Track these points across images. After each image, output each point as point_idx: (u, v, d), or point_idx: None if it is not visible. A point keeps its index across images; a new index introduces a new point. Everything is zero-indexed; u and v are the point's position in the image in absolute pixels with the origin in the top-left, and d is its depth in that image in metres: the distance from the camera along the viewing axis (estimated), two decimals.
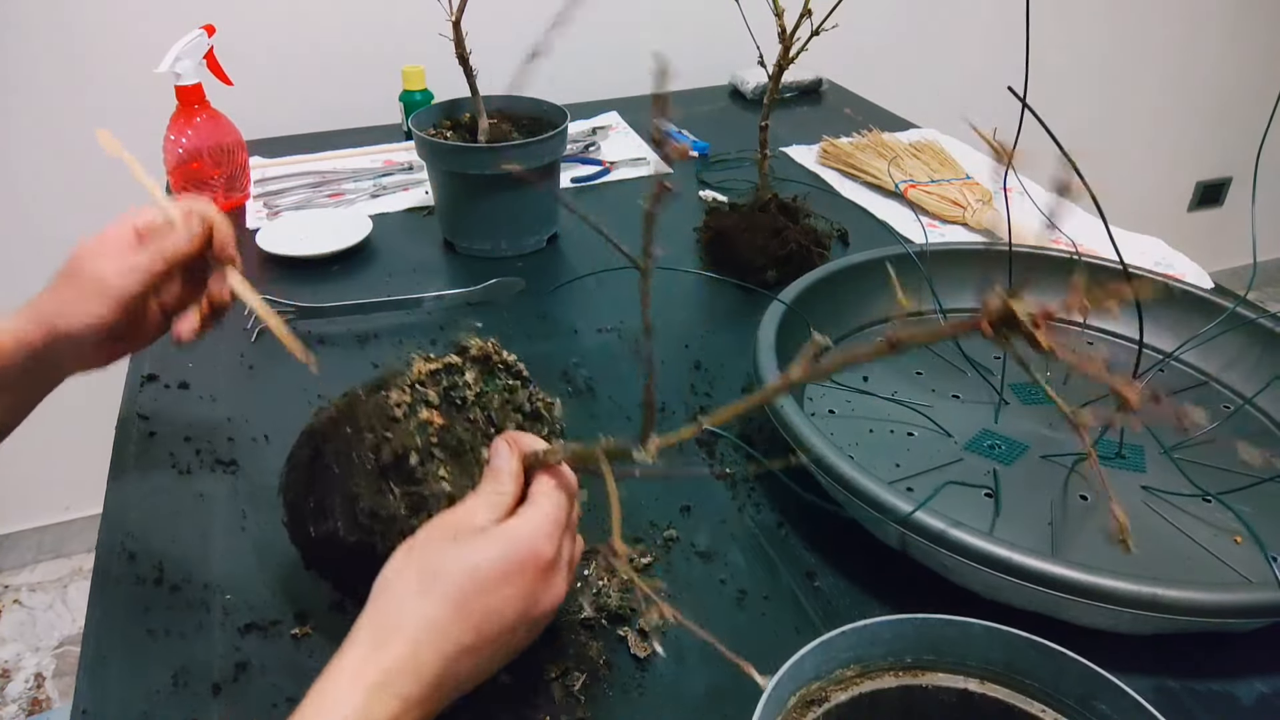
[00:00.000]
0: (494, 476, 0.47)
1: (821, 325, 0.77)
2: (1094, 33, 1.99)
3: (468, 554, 0.43)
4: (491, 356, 0.55)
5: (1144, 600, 0.49)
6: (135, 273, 0.57)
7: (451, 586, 0.42)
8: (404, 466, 0.49)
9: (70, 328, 0.57)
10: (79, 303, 0.56)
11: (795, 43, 0.84)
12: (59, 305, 0.57)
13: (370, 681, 0.40)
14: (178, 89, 1.05)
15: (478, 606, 0.43)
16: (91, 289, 0.56)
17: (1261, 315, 0.74)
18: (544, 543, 0.44)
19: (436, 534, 0.45)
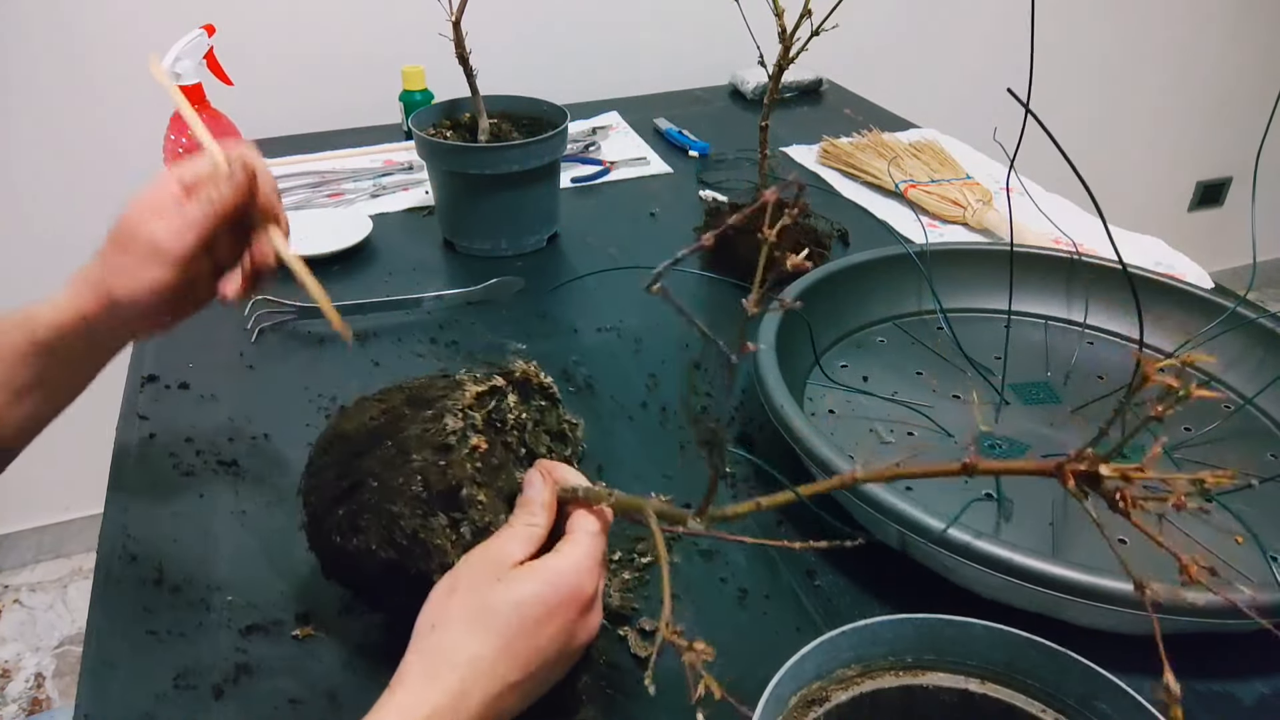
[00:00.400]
0: (527, 507, 0.48)
1: (821, 325, 0.77)
2: (1094, 33, 1.99)
3: (514, 592, 0.44)
4: (531, 380, 0.55)
5: (1144, 600, 0.49)
6: (188, 230, 0.55)
7: (499, 623, 0.43)
8: (454, 497, 0.49)
9: (128, 295, 0.55)
10: (135, 269, 0.55)
11: (795, 43, 0.84)
12: (114, 273, 0.55)
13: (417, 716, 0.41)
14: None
15: (523, 646, 0.43)
16: (146, 253, 0.54)
17: (1262, 315, 0.74)
18: (585, 579, 0.45)
19: (479, 571, 0.45)
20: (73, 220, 1.45)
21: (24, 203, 1.42)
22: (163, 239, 0.55)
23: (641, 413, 0.76)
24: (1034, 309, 0.84)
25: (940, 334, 0.81)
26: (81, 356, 0.59)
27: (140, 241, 0.55)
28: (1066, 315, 0.84)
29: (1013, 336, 0.79)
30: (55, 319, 0.55)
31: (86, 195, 1.43)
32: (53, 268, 1.53)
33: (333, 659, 0.54)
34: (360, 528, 0.49)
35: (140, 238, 0.55)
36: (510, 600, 0.44)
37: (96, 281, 0.56)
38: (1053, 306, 0.84)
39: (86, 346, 0.58)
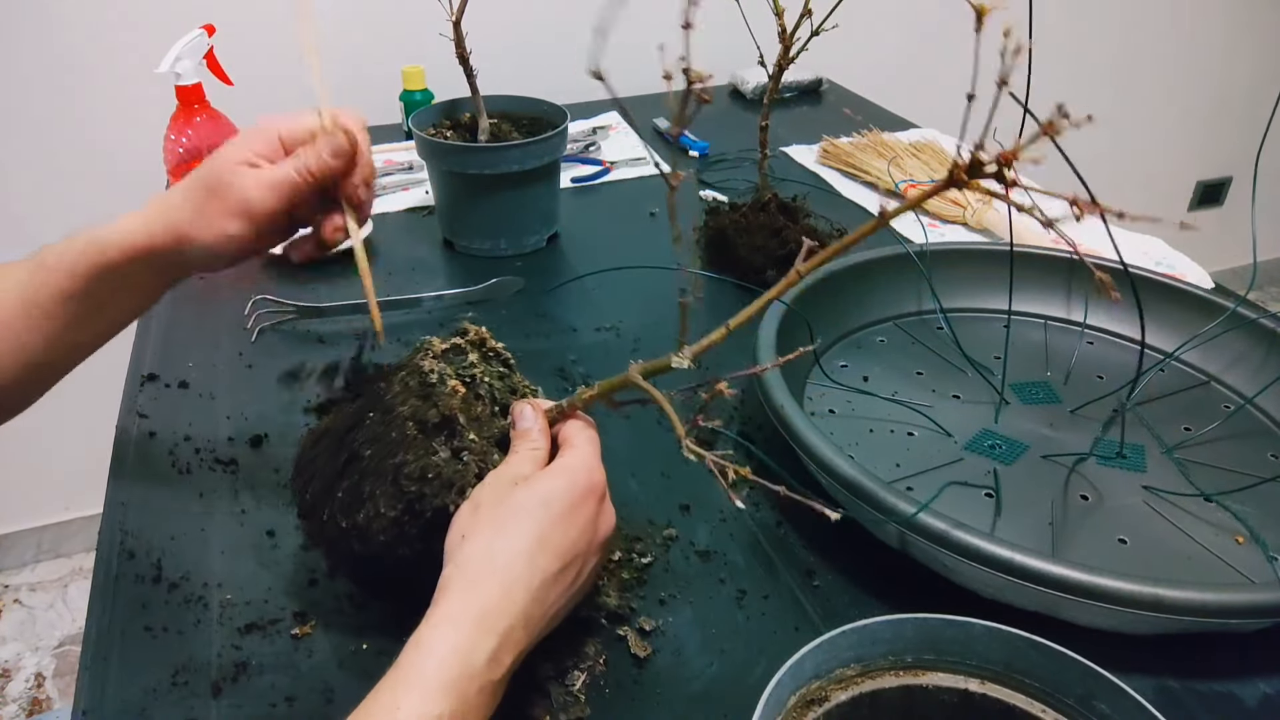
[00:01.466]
0: (525, 436, 0.50)
1: (821, 325, 0.77)
2: (1094, 32, 1.99)
3: (537, 491, 0.46)
4: (486, 341, 0.56)
5: (1145, 600, 0.49)
6: (279, 189, 0.55)
7: (530, 521, 0.45)
8: (451, 427, 0.50)
9: (206, 240, 0.55)
10: (218, 218, 0.54)
11: (795, 43, 0.84)
12: (195, 216, 0.54)
13: (468, 623, 0.42)
14: (178, 89, 1.05)
15: (556, 536, 0.45)
16: (233, 206, 0.54)
17: (1262, 315, 0.74)
18: (596, 472, 0.48)
19: (498, 486, 0.47)
20: (72, 220, 1.44)
21: (24, 202, 1.42)
22: (254, 196, 0.54)
23: (640, 411, 0.76)
24: (1034, 309, 0.84)
25: (940, 334, 0.81)
26: (144, 281, 0.58)
27: (230, 193, 0.54)
28: (1066, 315, 0.83)
29: (1013, 336, 0.78)
30: (125, 245, 0.55)
31: (86, 195, 1.43)
32: None
33: (330, 657, 0.54)
34: (363, 497, 0.49)
35: (232, 189, 0.54)
36: (535, 497, 0.45)
37: (175, 217, 0.55)
38: (1053, 306, 0.84)
39: (151, 273, 0.58)
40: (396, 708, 0.39)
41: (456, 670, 0.40)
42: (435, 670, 0.40)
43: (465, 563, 0.44)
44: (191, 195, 0.55)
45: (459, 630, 0.41)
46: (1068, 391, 0.75)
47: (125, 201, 1.26)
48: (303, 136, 0.57)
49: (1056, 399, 0.74)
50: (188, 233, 0.55)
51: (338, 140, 0.56)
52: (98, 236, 0.55)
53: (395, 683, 0.40)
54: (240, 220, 0.55)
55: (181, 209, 0.55)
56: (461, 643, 0.41)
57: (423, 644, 0.41)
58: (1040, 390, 0.75)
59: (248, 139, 0.56)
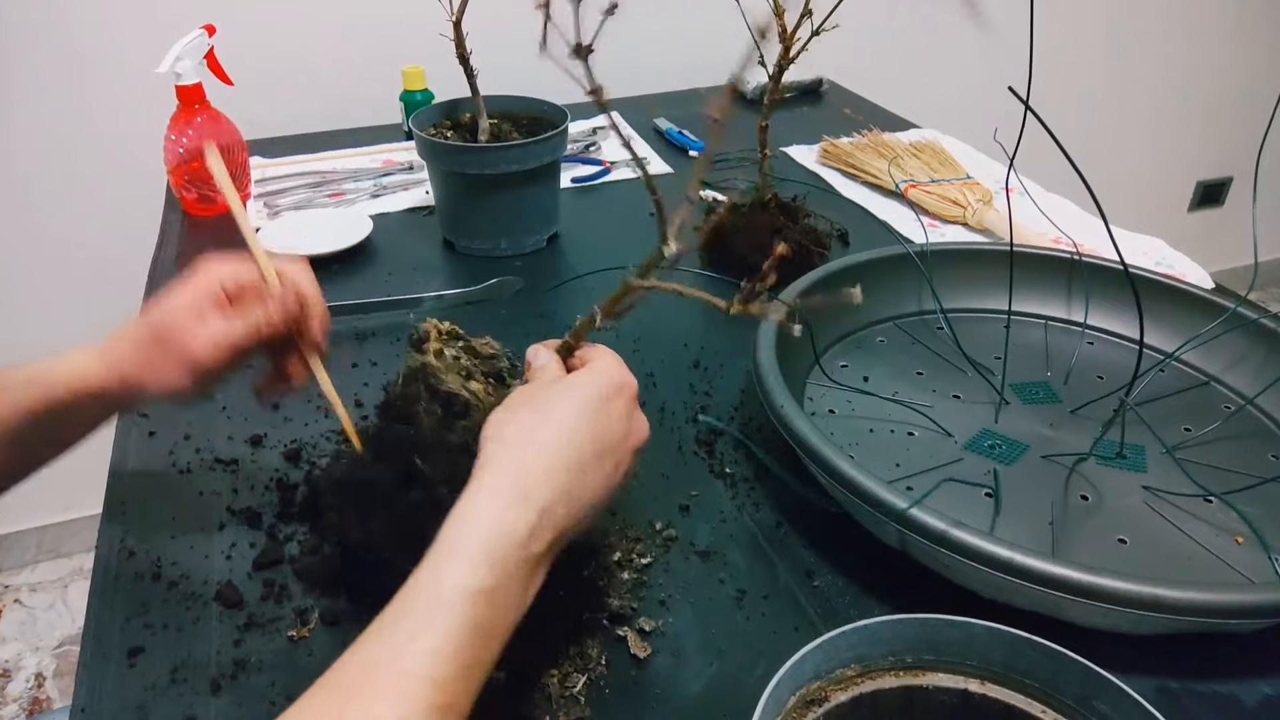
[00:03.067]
0: (543, 372, 0.50)
1: (821, 325, 0.77)
2: (1094, 32, 1.99)
3: (572, 383, 0.47)
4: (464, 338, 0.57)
5: (1145, 600, 0.49)
6: (224, 349, 0.55)
7: (569, 405, 0.45)
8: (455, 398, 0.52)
9: (152, 389, 0.55)
10: (163, 369, 0.55)
11: (795, 43, 0.84)
12: (143, 367, 0.55)
13: (510, 495, 0.41)
14: (178, 89, 1.05)
15: (595, 421, 0.45)
16: (178, 359, 0.54)
17: (1263, 315, 0.74)
18: (622, 374, 0.49)
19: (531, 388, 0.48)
20: (72, 219, 1.45)
21: (24, 202, 1.42)
22: (197, 351, 0.54)
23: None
24: (1034, 309, 0.84)
25: (940, 334, 0.81)
26: (93, 418, 0.59)
27: (174, 346, 0.54)
28: (1066, 315, 0.83)
29: (1013, 336, 0.78)
30: (76, 387, 0.55)
31: (86, 195, 1.43)
32: (52, 265, 1.53)
33: (330, 655, 0.53)
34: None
35: (176, 343, 0.54)
36: (571, 388, 0.46)
37: (123, 366, 0.55)
38: (1053, 306, 0.84)
39: (95, 412, 0.58)
40: (439, 580, 0.39)
41: (499, 541, 0.40)
42: (477, 540, 0.40)
43: (507, 439, 0.44)
44: (139, 346, 0.56)
45: (501, 501, 0.41)
46: (1068, 391, 0.75)
47: (125, 202, 1.26)
48: (248, 288, 0.57)
49: (1056, 399, 0.74)
50: (137, 382, 0.55)
51: (288, 304, 0.56)
52: (47, 374, 0.55)
53: (437, 554, 0.40)
54: (186, 374, 0.55)
55: (130, 360, 0.56)
56: (505, 514, 0.41)
57: (463, 516, 0.41)
58: (1040, 390, 0.75)
59: (193, 291, 0.56)
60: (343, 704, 0.36)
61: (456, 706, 0.38)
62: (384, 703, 0.36)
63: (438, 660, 0.37)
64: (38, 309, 1.48)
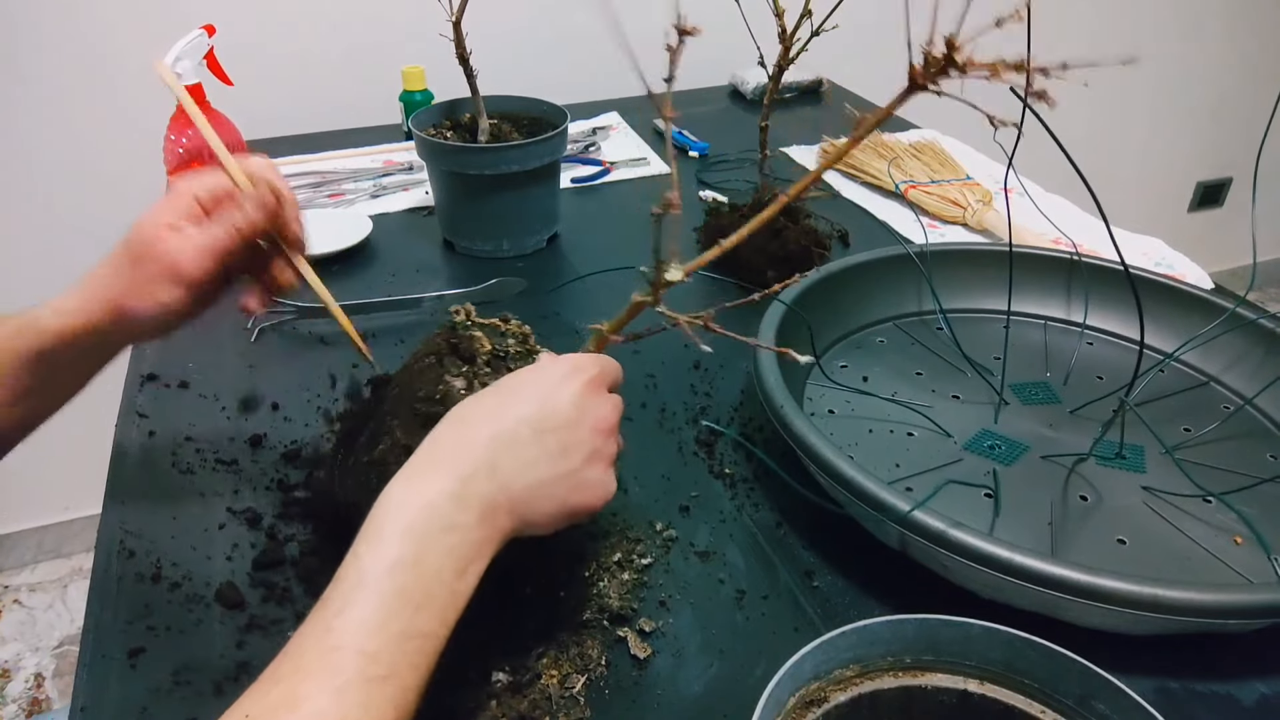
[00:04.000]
0: None
1: (821, 325, 0.77)
2: (1094, 32, 1.99)
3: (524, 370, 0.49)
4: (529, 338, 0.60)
5: (1144, 601, 0.49)
6: (208, 254, 0.54)
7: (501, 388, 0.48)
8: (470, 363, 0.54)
9: (141, 311, 0.54)
10: (150, 286, 0.54)
11: (795, 43, 0.84)
12: (128, 289, 0.54)
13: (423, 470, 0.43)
14: None
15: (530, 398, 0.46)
16: (163, 273, 0.53)
17: (1262, 316, 0.74)
18: (586, 362, 0.49)
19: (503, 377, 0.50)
20: (71, 219, 1.45)
21: (24, 202, 1.42)
22: (182, 260, 0.54)
23: (640, 413, 0.76)
24: (1034, 309, 0.84)
25: (940, 334, 0.81)
26: (85, 361, 0.58)
27: (157, 260, 0.54)
28: (1066, 315, 0.83)
29: (1012, 336, 0.79)
30: (62, 326, 0.54)
31: (86, 194, 1.43)
32: (52, 263, 1.53)
33: None
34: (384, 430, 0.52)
35: (158, 257, 0.54)
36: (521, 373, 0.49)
37: (108, 293, 0.54)
38: (1052, 307, 0.84)
39: (92, 352, 0.58)
40: (358, 556, 0.40)
41: (411, 513, 0.41)
42: (395, 514, 0.41)
43: (447, 419, 0.46)
44: (120, 268, 0.55)
45: (413, 477, 0.43)
46: (1067, 392, 0.75)
47: (125, 201, 1.26)
48: (219, 195, 0.56)
49: (1056, 399, 0.74)
50: (124, 305, 0.54)
51: (263, 195, 0.56)
52: (34, 321, 0.54)
53: (361, 535, 0.41)
54: (173, 286, 0.54)
55: (113, 283, 0.55)
56: (418, 487, 0.42)
57: (383, 499, 0.42)
58: (1040, 390, 0.75)
59: (167, 205, 0.55)
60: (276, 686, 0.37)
61: (396, 677, 0.38)
62: (314, 680, 0.36)
63: (365, 631, 0.38)
64: None
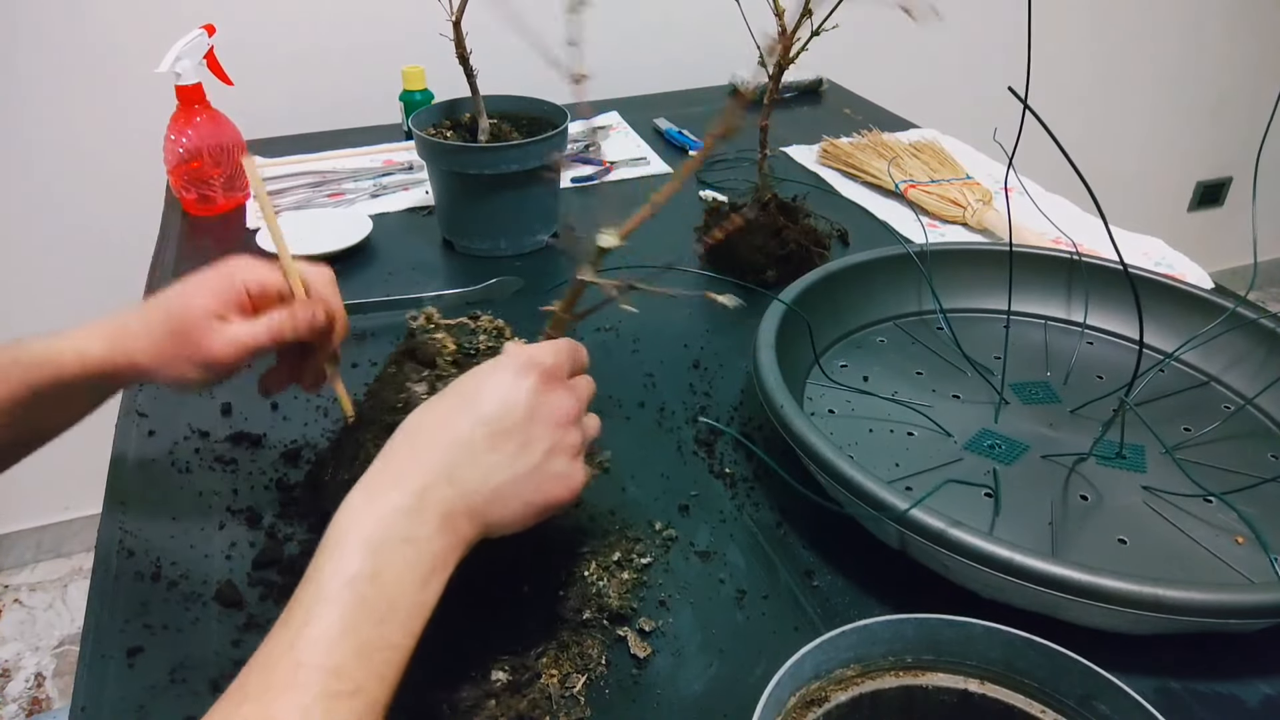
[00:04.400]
0: None
1: (821, 325, 0.77)
2: (1094, 32, 1.99)
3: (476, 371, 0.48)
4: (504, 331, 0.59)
5: (1145, 600, 0.49)
6: (243, 350, 0.54)
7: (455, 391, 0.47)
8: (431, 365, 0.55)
9: (163, 378, 0.55)
10: (179, 364, 0.54)
11: (795, 43, 0.84)
12: (157, 357, 0.54)
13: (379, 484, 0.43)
14: (178, 89, 1.05)
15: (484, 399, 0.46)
16: (197, 357, 0.54)
17: (1262, 315, 0.74)
18: (541, 354, 0.48)
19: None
20: (72, 218, 1.45)
21: (24, 202, 1.42)
22: (217, 352, 0.54)
23: (639, 412, 0.76)
24: (1034, 309, 0.84)
25: (940, 334, 0.81)
26: (94, 397, 0.59)
27: (195, 346, 0.54)
28: (1066, 315, 0.83)
29: (1013, 336, 0.78)
30: (82, 370, 0.54)
31: (86, 194, 1.43)
32: (53, 261, 1.53)
33: None
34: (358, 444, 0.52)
35: (199, 342, 0.54)
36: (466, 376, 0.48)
37: (136, 356, 0.55)
38: (1052, 306, 0.84)
39: (102, 390, 0.58)
40: (319, 570, 0.40)
41: (369, 526, 0.41)
42: (352, 529, 0.41)
43: (403, 428, 0.46)
44: (154, 335, 0.55)
45: (369, 491, 0.42)
46: (1068, 391, 0.75)
47: (125, 202, 1.25)
48: (270, 293, 0.56)
49: (1056, 399, 0.74)
50: (146, 369, 0.55)
51: (316, 316, 0.56)
52: (56, 354, 0.54)
53: (320, 549, 0.41)
54: (201, 370, 0.55)
55: (144, 347, 0.55)
56: (374, 501, 0.42)
57: (341, 513, 0.42)
58: (1040, 390, 0.75)
59: (216, 289, 0.55)
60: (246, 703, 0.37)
61: (364, 691, 0.38)
62: (280, 698, 0.36)
63: (327, 646, 0.37)
64: (38, 308, 1.48)
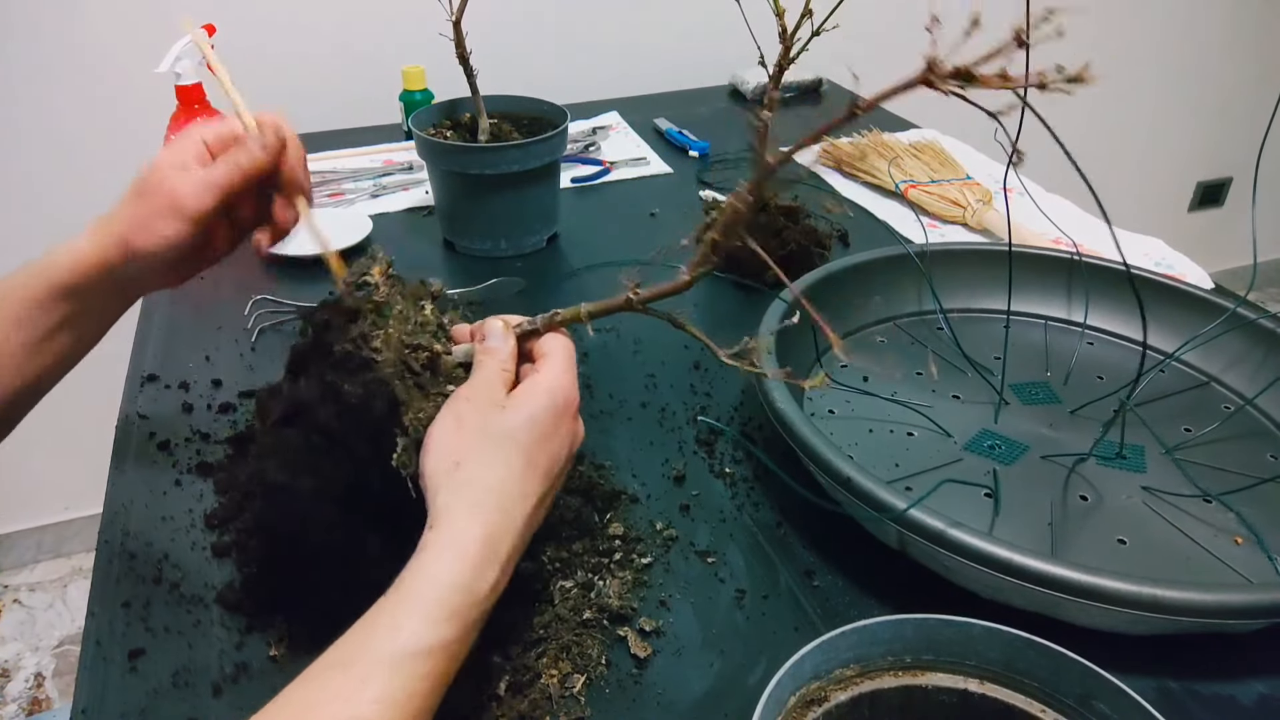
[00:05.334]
0: (495, 355, 0.50)
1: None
2: (1094, 32, 1.98)
3: (523, 412, 0.47)
4: None
5: (1144, 601, 0.49)
6: (210, 189, 0.56)
7: (518, 445, 0.46)
8: None
9: (146, 245, 0.56)
10: (154, 220, 0.55)
11: (795, 43, 0.84)
12: (134, 223, 0.56)
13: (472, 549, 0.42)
14: (178, 89, 1.05)
15: (543, 456, 0.47)
16: (166, 206, 0.55)
17: (1262, 315, 0.74)
18: (572, 388, 0.49)
19: (479, 405, 0.47)
20: (71, 217, 1.45)
21: (23, 202, 1.42)
22: (184, 195, 0.55)
23: (640, 413, 0.76)
24: (1034, 309, 0.84)
25: (940, 334, 0.81)
26: (103, 300, 0.59)
27: (161, 195, 0.56)
28: (1066, 315, 0.83)
29: (1013, 336, 0.79)
30: (75, 263, 0.56)
31: (86, 194, 1.43)
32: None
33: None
34: None
35: (162, 192, 0.56)
36: (522, 420, 0.46)
37: (117, 228, 0.56)
38: (1053, 306, 0.84)
39: (108, 290, 0.59)
40: (398, 629, 0.39)
41: (460, 598, 0.41)
42: (438, 596, 0.40)
43: (459, 488, 0.44)
44: (129, 204, 0.57)
45: (464, 558, 0.42)
46: (1068, 392, 0.75)
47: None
48: (228, 141, 0.59)
49: (1056, 399, 0.74)
50: (130, 240, 0.56)
51: (267, 138, 0.58)
52: (49, 262, 0.56)
53: (397, 605, 0.40)
54: (176, 220, 0.56)
55: (123, 219, 0.56)
56: (466, 570, 0.41)
57: (428, 570, 0.41)
58: (1040, 390, 0.75)
59: (175, 147, 0.58)
60: None
61: None
62: None
63: (387, 710, 0.37)
64: None
